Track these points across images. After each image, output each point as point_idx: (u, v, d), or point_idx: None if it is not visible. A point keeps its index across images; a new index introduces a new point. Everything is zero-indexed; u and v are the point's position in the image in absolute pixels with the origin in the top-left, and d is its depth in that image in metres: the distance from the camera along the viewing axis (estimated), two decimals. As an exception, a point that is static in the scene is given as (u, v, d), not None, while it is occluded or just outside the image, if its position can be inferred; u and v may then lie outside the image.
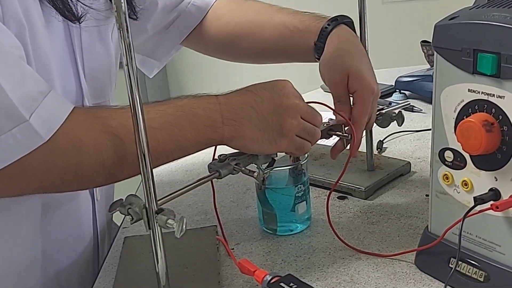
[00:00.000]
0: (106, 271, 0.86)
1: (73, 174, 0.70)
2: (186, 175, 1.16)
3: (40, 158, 0.66)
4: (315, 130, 0.83)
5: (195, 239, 0.88)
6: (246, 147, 0.79)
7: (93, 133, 0.70)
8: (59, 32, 0.81)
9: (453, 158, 0.72)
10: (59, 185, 0.71)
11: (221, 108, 0.77)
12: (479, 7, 0.69)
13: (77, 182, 0.72)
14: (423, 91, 1.43)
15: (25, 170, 0.66)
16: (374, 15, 1.30)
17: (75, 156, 0.69)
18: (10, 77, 0.65)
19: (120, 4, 0.61)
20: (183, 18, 1.09)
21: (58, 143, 0.67)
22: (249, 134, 0.78)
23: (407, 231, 0.88)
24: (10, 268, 0.81)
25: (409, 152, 1.17)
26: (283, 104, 0.79)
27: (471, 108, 0.68)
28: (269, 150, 0.81)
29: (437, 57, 0.71)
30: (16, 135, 0.65)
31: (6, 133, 0.64)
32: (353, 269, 0.80)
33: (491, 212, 0.67)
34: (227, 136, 0.77)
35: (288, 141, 0.80)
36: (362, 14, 1.01)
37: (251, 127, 0.78)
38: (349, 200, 0.99)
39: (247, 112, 0.78)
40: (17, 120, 0.65)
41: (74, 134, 0.69)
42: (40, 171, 0.67)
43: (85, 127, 0.70)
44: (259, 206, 0.92)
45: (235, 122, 0.77)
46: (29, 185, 0.69)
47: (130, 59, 0.63)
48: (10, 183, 0.67)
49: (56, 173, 0.69)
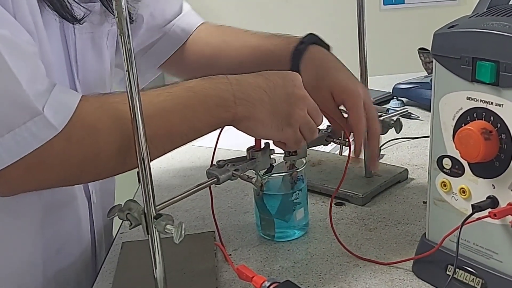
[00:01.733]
0: (103, 276, 0.86)
1: (90, 162, 0.69)
2: (183, 180, 1.16)
3: (57, 148, 0.66)
4: (315, 128, 0.84)
5: (193, 244, 0.88)
6: (255, 129, 0.79)
7: (107, 119, 0.70)
8: (56, 38, 0.82)
9: (451, 165, 0.72)
10: (77, 175, 0.71)
11: (233, 88, 0.77)
12: (478, 15, 0.70)
13: (95, 171, 0.72)
14: (421, 98, 1.44)
15: (43, 161, 0.66)
16: (372, 22, 1.30)
17: (92, 143, 0.69)
18: (25, 71, 0.66)
19: (122, 10, 0.61)
20: (167, 39, 1.08)
21: (74, 131, 0.67)
22: (261, 117, 0.78)
23: (405, 238, 0.88)
24: (12, 270, 0.81)
25: (407, 159, 1.17)
26: (295, 94, 0.80)
27: (470, 116, 0.68)
28: (275, 136, 0.81)
29: (436, 65, 0.72)
30: (31, 127, 0.65)
31: (20, 126, 0.65)
32: (350, 276, 0.80)
33: (489, 219, 0.67)
34: (239, 116, 0.77)
35: (293, 131, 0.81)
36: (361, 21, 1.01)
37: (263, 110, 0.78)
38: (346, 207, 0.99)
39: (260, 95, 0.78)
40: (32, 113, 0.65)
41: (88, 121, 0.69)
42: (58, 161, 0.67)
43: (98, 113, 0.70)
44: (257, 212, 0.92)
45: (248, 103, 0.77)
46: (48, 177, 0.69)
47: (130, 65, 0.63)
48: (28, 175, 0.67)
49: (74, 162, 0.69)
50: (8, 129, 0.64)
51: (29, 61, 0.68)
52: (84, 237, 0.93)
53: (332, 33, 2.91)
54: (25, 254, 0.82)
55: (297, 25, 3.07)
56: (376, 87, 1.54)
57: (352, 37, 1.05)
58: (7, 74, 0.65)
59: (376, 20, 2.72)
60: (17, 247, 0.81)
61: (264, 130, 0.79)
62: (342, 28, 2.78)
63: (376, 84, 1.54)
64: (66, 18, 0.80)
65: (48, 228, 0.84)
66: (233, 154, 0.88)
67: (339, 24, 2.82)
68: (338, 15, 2.85)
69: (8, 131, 0.64)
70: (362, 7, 1.00)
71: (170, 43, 1.09)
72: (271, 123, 0.79)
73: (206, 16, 1.15)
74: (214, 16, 2.98)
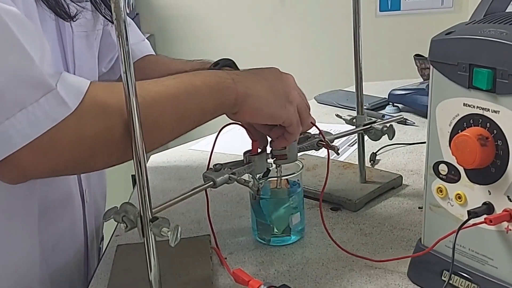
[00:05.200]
0: (98, 279, 0.86)
1: (102, 141, 0.68)
2: (179, 184, 1.16)
3: (70, 125, 0.66)
4: (307, 108, 0.87)
5: (189, 248, 0.88)
6: (260, 108, 0.80)
7: (117, 97, 0.68)
8: (52, 37, 0.82)
9: (448, 171, 0.72)
10: (90, 156, 0.69)
11: (228, 72, 0.80)
12: (475, 22, 0.70)
13: (106, 151, 0.70)
14: (416, 105, 1.44)
15: (56, 140, 0.65)
16: (368, 28, 1.30)
17: (104, 120, 0.68)
18: (36, 49, 0.65)
19: (120, 12, 0.61)
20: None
21: (87, 108, 0.67)
22: (262, 93, 0.79)
23: (400, 243, 0.89)
24: (9, 268, 0.81)
25: (402, 164, 1.17)
26: (283, 78, 0.84)
27: (466, 122, 0.69)
28: (280, 114, 0.81)
29: (433, 71, 0.72)
30: (44, 105, 0.64)
31: (33, 104, 0.64)
32: (346, 280, 0.80)
33: (485, 225, 0.67)
34: (241, 93, 0.78)
35: (293, 109, 0.82)
36: (356, 28, 1.02)
37: (263, 88, 0.80)
38: (342, 212, 1.00)
39: (255, 78, 0.81)
40: (45, 88, 0.64)
41: (100, 98, 0.69)
42: (71, 139, 0.66)
43: (108, 92, 0.70)
44: (253, 216, 0.92)
45: (245, 81, 0.79)
46: (61, 157, 0.67)
47: (128, 67, 0.63)
48: (41, 156, 0.65)
49: (87, 141, 0.68)
50: (20, 107, 0.63)
51: (39, 40, 0.68)
52: (78, 237, 0.93)
53: (328, 39, 2.94)
54: (23, 253, 0.82)
55: (293, 32, 3.09)
56: (372, 93, 1.55)
57: (348, 43, 1.05)
58: (19, 48, 0.64)
59: (372, 26, 2.73)
60: (14, 246, 0.81)
61: (270, 108, 0.80)
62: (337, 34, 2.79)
63: (371, 90, 1.55)
64: (60, 16, 0.80)
65: (45, 226, 0.84)
66: (230, 158, 0.88)
67: (335, 30, 2.83)
68: (333, 21, 2.86)
69: (20, 109, 0.63)
70: (358, 13, 1.01)
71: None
72: (274, 100, 0.80)
73: (202, 21, 1.15)
74: (210, 21, 3.00)
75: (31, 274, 0.84)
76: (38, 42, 0.68)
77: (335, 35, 2.85)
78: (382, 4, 2.96)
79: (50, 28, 0.81)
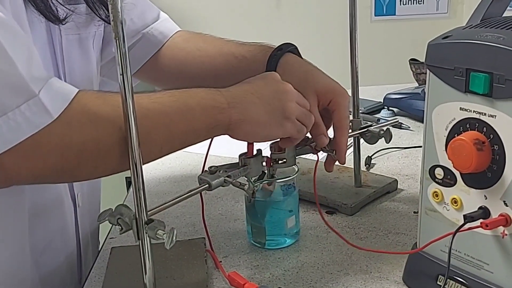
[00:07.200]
0: (92, 281, 0.86)
1: (90, 150, 0.68)
2: (174, 187, 1.15)
3: (57, 132, 0.65)
4: (310, 114, 0.85)
5: (183, 251, 0.88)
6: (255, 132, 0.80)
7: (107, 108, 0.68)
8: (41, 39, 0.81)
9: (444, 175, 0.72)
10: (75, 165, 0.69)
11: (224, 94, 0.78)
12: (472, 27, 0.70)
13: (92, 162, 0.69)
14: (411, 109, 1.45)
15: (41, 146, 0.65)
16: (363, 33, 1.31)
17: (92, 130, 0.67)
18: (20, 53, 0.65)
19: (117, 14, 0.61)
20: (145, 42, 1.07)
21: (75, 116, 0.66)
22: (256, 117, 0.79)
23: (395, 247, 0.89)
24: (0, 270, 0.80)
25: (397, 169, 1.17)
26: (280, 89, 0.82)
27: (463, 126, 0.69)
28: (277, 133, 0.82)
29: (430, 75, 0.72)
30: (25, 112, 0.63)
31: (14, 110, 0.63)
32: (341, 284, 0.80)
33: (480, 230, 0.67)
34: (234, 119, 0.77)
35: (291, 123, 0.82)
36: (353, 32, 1.02)
37: (257, 111, 0.79)
38: (337, 216, 0.99)
39: (250, 98, 0.79)
40: (26, 95, 0.64)
41: (89, 107, 0.68)
42: (57, 146, 0.66)
43: (99, 102, 0.69)
44: (248, 219, 0.91)
45: (241, 105, 0.78)
46: (45, 163, 0.66)
47: (125, 68, 0.62)
48: (24, 160, 0.65)
49: (73, 149, 0.67)
50: (1, 113, 0.63)
51: (24, 45, 0.67)
52: (69, 240, 0.92)
53: (323, 43, 2.94)
54: (13, 253, 0.81)
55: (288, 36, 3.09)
56: (367, 97, 1.55)
57: (344, 47, 1.05)
58: (1, 54, 0.63)
59: (367, 31, 2.74)
60: (4, 247, 0.80)
61: (265, 130, 0.80)
62: (333, 38, 2.80)
63: (367, 94, 1.55)
64: (49, 19, 0.79)
65: (36, 228, 0.83)
66: (225, 160, 0.88)
67: (330, 34, 2.84)
68: (329, 25, 2.87)
69: (1, 115, 0.63)
70: (354, 17, 1.01)
71: (148, 47, 1.07)
72: (270, 121, 0.80)
73: (198, 23, 1.15)
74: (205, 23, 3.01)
75: (21, 275, 0.83)
76: (23, 46, 0.67)
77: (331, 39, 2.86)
78: (377, 9, 2.97)
79: (39, 31, 0.80)
